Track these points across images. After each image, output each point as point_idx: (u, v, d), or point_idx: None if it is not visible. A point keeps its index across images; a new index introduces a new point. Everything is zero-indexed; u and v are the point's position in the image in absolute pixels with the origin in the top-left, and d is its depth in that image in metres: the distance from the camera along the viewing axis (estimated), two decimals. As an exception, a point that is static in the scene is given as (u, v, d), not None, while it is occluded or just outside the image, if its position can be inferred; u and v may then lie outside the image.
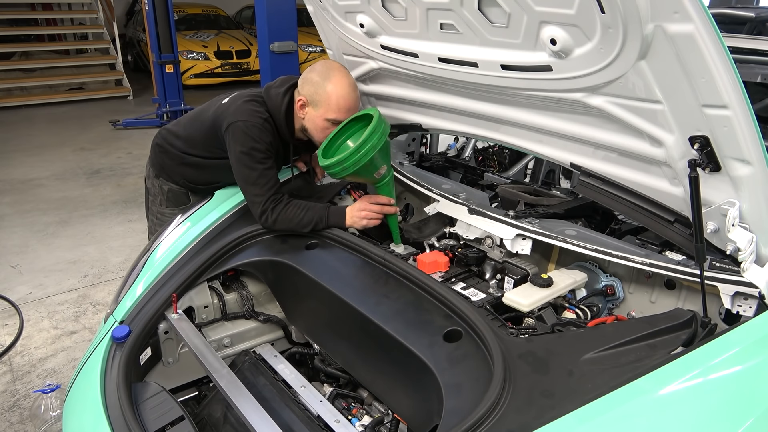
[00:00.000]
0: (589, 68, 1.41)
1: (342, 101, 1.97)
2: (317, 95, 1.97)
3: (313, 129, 2.05)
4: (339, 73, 1.99)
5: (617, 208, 1.73)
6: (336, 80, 1.96)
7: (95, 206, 5.30)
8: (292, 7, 4.47)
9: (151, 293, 1.85)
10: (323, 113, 1.99)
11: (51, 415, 2.45)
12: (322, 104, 1.98)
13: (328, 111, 1.98)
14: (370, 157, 1.82)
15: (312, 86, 1.98)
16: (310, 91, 1.99)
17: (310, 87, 1.99)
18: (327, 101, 1.96)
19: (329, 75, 1.97)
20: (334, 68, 2.00)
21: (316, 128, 2.03)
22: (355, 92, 2.01)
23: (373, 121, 1.85)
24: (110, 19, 11.00)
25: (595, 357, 1.30)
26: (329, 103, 1.96)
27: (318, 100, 1.98)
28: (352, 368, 1.77)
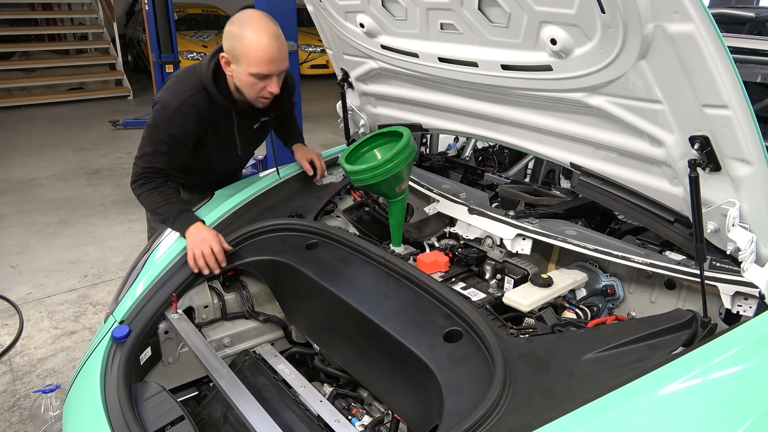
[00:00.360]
0: (589, 68, 1.41)
1: (261, 53, 1.81)
2: (236, 50, 1.83)
3: (242, 86, 1.92)
4: (257, 21, 1.82)
5: (617, 208, 1.73)
6: (252, 29, 1.80)
7: (95, 206, 5.30)
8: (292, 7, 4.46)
9: (151, 293, 1.84)
10: (245, 68, 1.85)
11: (51, 415, 2.45)
12: (242, 59, 1.84)
13: (249, 65, 1.84)
14: (400, 169, 1.84)
15: (230, 40, 1.84)
16: (230, 46, 1.85)
17: (229, 41, 1.85)
18: (246, 55, 1.82)
19: (245, 25, 1.82)
20: (250, 17, 1.84)
21: (244, 85, 1.91)
22: (276, 41, 1.83)
23: (406, 135, 1.87)
24: (110, 19, 11.00)
25: (595, 357, 1.30)
26: (248, 57, 1.82)
27: (238, 55, 1.84)
28: (352, 368, 1.77)
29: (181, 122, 1.96)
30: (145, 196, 1.99)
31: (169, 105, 1.95)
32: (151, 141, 1.98)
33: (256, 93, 1.93)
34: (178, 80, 2.04)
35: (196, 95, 1.96)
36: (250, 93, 1.94)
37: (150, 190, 1.98)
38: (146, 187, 1.98)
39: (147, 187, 1.98)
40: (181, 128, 1.97)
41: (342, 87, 2.38)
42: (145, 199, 2.00)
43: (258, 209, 2.18)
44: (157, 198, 1.98)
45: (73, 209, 5.24)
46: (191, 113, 1.97)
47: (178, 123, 1.96)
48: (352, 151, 2.03)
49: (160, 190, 1.99)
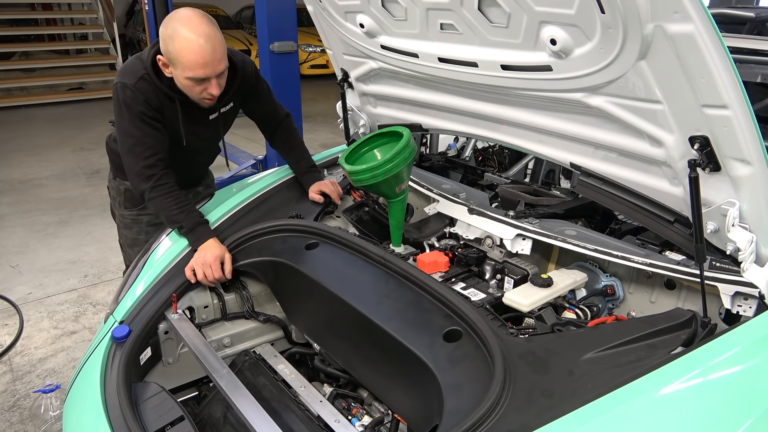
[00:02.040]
0: (589, 68, 1.41)
1: (193, 57, 1.76)
2: (170, 53, 1.80)
3: (182, 88, 1.89)
4: (186, 22, 1.76)
5: (617, 208, 1.73)
6: (183, 33, 1.75)
7: (95, 206, 5.30)
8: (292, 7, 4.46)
9: (151, 293, 1.84)
10: (181, 72, 1.82)
11: (51, 415, 2.45)
12: (176, 63, 1.80)
13: (184, 69, 1.80)
14: (400, 169, 1.84)
15: (164, 43, 1.80)
16: (164, 49, 1.81)
17: (163, 44, 1.81)
18: (179, 59, 1.78)
19: (176, 27, 1.76)
20: (181, 17, 1.78)
21: (184, 87, 1.88)
22: (208, 42, 1.77)
23: (406, 135, 1.87)
24: (110, 19, 11.01)
25: (595, 357, 1.30)
26: (182, 62, 1.78)
27: (172, 58, 1.80)
28: (352, 368, 1.77)
29: (143, 98, 1.90)
30: (159, 201, 1.91)
31: (126, 84, 1.89)
32: (130, 126, 1.90)
33: (197, 95, 1.90)
34: (128, 64, 1.99)
35: (143, 77, 1.91)
36: (192, 95, 1.91)
37: (164, 195, 1.91)
38: (159, 191, 1.91)
39: (160, 191, 1.91)
40: (146, 103, 1.90)
41: (342, 87, 2.37)
42: (158, 205, 1.92)
43: (258, 210, 2.18)
44: (172, 203, 1.92)
45: (73, 209, 5.24)
46: (147, 89, 1.90)
47: (141, 98, 1.89)
48: (352, 151, 2.03)
49: (175, 195, 1.93)
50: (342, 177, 2.43)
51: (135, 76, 1.91)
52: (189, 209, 1.95)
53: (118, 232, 2.45)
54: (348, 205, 2.33)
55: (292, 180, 2.36)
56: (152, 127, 1.93)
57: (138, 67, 1.94)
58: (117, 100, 1.93)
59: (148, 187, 1.91)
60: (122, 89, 1.90)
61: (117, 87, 1.93)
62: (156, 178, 1.91)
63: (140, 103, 1.90)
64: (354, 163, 1.99)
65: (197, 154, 2.26)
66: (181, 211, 1.93)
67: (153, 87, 1.92)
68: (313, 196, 2.24)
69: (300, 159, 2.36)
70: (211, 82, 1.85)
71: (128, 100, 1.89)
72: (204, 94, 1.89)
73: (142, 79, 1.91)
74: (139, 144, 1.91)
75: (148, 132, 1.92)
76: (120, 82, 1.92)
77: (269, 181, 2.32)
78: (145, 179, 1.91)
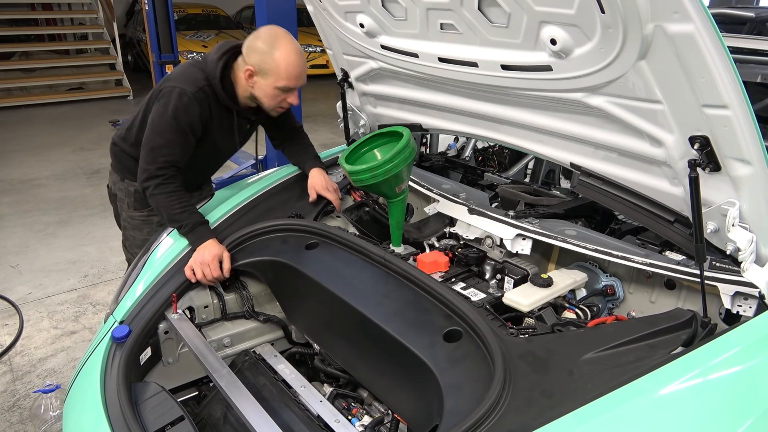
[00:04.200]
0: (589, 68, 1.41)
1: (292, 68, 1.94)
2: (266, 64, 1.93)
3: (263, 97, 2.01)
4: (285, 40, 1.93)
5: (617, 208, 1.73)
6: (283, 48, 1.91)
7: (95, 206, 5.30)
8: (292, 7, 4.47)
9: (151, 293, 1.84)
10: (273, 82, 1.95)
11: (51, 415, 2.45)
12: (271, 73, 1.94)
13: (277, 79, 1.94)
14: (400, 169, 1.84)
15: (259, 55, 1.93)
16: (257, 61, 1.94)
17: (257, 56, 1.94)
18: (276, 70, 1.92)
19: (275, 43, 1.92)
20: (278, 35, 1.94)
21: (267, 96, 2.00)
22: (302, 58, 1.97)
23: (406, 135, 1.88)
24: (110, 19, 10.99)
25: (595, 357, 1.30)
26: (278, 72, 1.93)
27: (266, 68, 1.93)
28: (352, 368, 1.77)
29: (198, 110, 1.98)
30: (162, 198, 1.94)
31: (186, 91, 1.95)
32: (167, 130, 1.94)
33: (276, 104, 2.03)
34: (186, 70, 2.03)
35: (206, 86, 1.99)
36: (270, 103, 2.03)
37: (168, 193, 1.94)
38: (163, 189, 1.94)
39: (164, 189, 1.94)
40: (198, 117, 1.98)
41: (342, 87, 2.38)
42: (160, 201, 1.95)
43: (258, 210, 2.18)
44: (175, 203, 1.94)
45: (73, 209, 5.24)
46: (204, 100, 1.99)
47: (196, 110, 1.97)
48: (352, 151, 2.03)
49: (178, 194, 1.96)
50: (342, 177, 2.43)
51: (196, 85, 1.97)
52: (191, 210, 1.97)
53: (124, 234, 2.43)
54: (348, 205, 2.33)
55: (292, 180, 2.36)
56: (187, 139, 1.99)
57: (199, 76, 2.00)
58: (167, 103, 1.96)
59: (154, 183, 1.95)
60: (179, 96, 1.95)
61: (174, 92, 1.96)
62: (164, 177, 1.95)
63: (192, 114, 1.97)
64: (354, 163, 1.99)
65: (224, 157, 2.40)
66: (184, 211, 1.95)
67: (211, 98, 2.01)
68: (310, 191, 2.25)
69: (305, 152, 2.39)
70: (294, 93, 2.02)
71: (181, 107, 1.95)
72: (283, 104, 2.04)
73: (202, 90, 1.98)
74: (166, 147, 1.95)
75: (181, 142, 1.98)
76: (179, 88, 1.96)
77: (269, 181, 2.32)
78: (154, 177, 1.95)
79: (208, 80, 1.99)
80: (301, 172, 2.37)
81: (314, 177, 2.25)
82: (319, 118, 8.61)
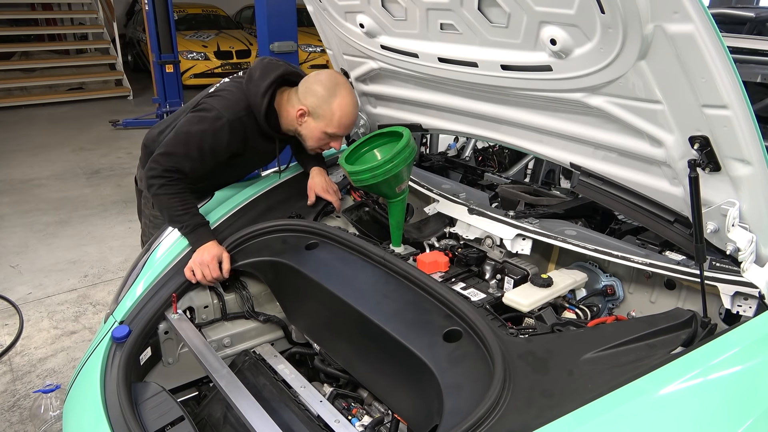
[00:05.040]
0: (589, 68, 1.41)
1: (345, 119, 2.00)
2: (321, 109, 1.97)
3: (308, 137, 2.05)
4: (345, 90, 1.99)
5: (617, 208, 1.73)
6: (341, 98, 1.97)
7: (95, 206, 5.30)
8: (292, 7, 4.47)
9: (151, 293, 1.85)
10: (323, 127, 2.00)
11: (51, 415, 2.45)
12: (324, 119, 1.99)
13: (329, 126, 1.99)
14: (400, 169, 1.84)
15: (316, 99, 1.97)
16: (313, 104, 1.98)
17: (314, 99, 1.98)
18: (330, 117, 1.98)
19: (335, 92, 1.97)
20: (340, 84, 2.00)
21: (312, 137, 2.04)
22: (356, 110, 2.04)
23: (406, 135, 1.88)
24: (110, 19, 11.00)
25: (595, 357, 1.30)
26: (332, 120, 1.98)
27: (321, 114, 1.98)
28: (352, 368, 1.77)
29: (228, 138, 1.98)
30: (165, 199, 1.95)
31: (222, 117, 1.96)
32: (189, 144, 1.95)
33: (318, 145, 2.08)
34: (230, 94, 2.03)
35: (245, 116, 2.01)
36: (313, 144, 2.07)
37: (171, 194, 1.94)
38: (167, 189, 1.94)
39: (168, 190, 1.94)
40: (226, 144, 1.99)
41: (342, 87, 2.37)
42: (163, 201, 1.95)
43: (258, 210, 2.18)
44: (177, 204, 1.94)
45: (73, 209, 5.24)
46: (239, 130, 2.00)
47: (226, 138, 1.98)
48: (352, 151, 2.03)
49: (181, 196, 1.96)
50: (342, 177, 2.43)
51: (235, 114, 1.98)
52: (193, 211, 1.98)
53: (144, 230, 2.46)
54: (348, 205, 2.33)
55: (292, 180, 2.36)
56: (204, 160, 1.99)
57: (241, 105, 2.00)
58: (201, 119, 1.97)
59: (159, 183, 1.94)
60: (215, 119, 1.96)
61: (213, 111, 1.97)
62: (169, 179, 1.95)
63: (220, 140, 1.98)
64: (354, 163, 1.99)
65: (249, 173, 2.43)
66: (186, 212, 1.95)
67: (248, 126, 2.02)
68: (309, 192, 2.24)
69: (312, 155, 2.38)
70: (339, 139, 2.08)
71: (212, 130, 1.96)
72: (324, 146, 2.09)
73: (239, 120, 1.99)
74: (181, 157, 1.95)
75: (196, 159, 1.97)
76: (217, 110, 1.97)
77: (269, 181, 2.32)
78: (159, 176, 1.94)
79: (250, 109, 2.01)
80: (301, 172, 2.37)
81: (314, 178, 2.25)
82: (319, 118, 8.60)
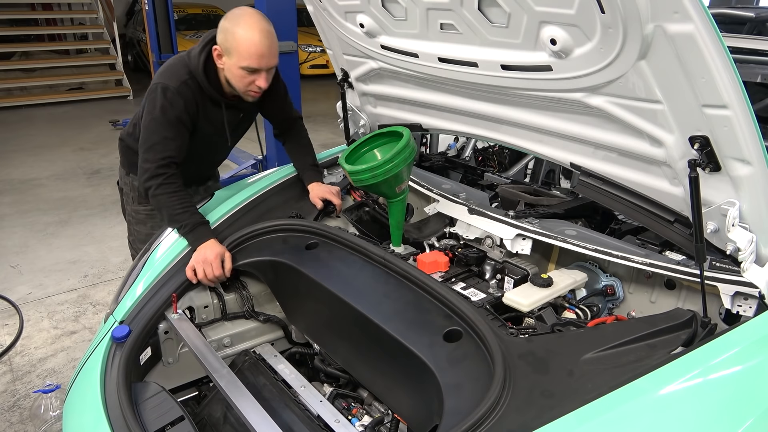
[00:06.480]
0: (589, 68, 1.41)
1: (252, 47, 1.87)
2: (228, 42, 1.89)
3: (231, 78, 1.97)
4: (248, 18, 1.88)
5: (617, 208, 1.73)
6: (245, 25, 1.86)
7: (95, 206, 5.30)
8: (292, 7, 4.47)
9: (151, 293, 1.84)
10: (237, 61, 1.90)
11: (51, 415, 2.45)
12: (234, 52, 1.89)
13: (240, 59, 1.89)
14: (400, 169, 1.84)
15: (224, 34, 1.90)
16: (222, 39, 1.91)
17: (222, 35, 1.91)
18: (237, 48, 1.88)
19: (238, 21, 1.87)
20: (244, 13, 1.90)
21: (234, 77, 1.96)
22: (267, 37, 1.89)
23: (406, 135, 1.88)
24: (110, 19, 11.00)
25: (595, 357, 1.30)
26: (240, 50, 1.88)
27: (230, 47, 1.89)
28: (352, 368, 1.77)
29: (183, 103, 1.97)
30: (164, 198, 1.94)
31: (169, 87, 1.95)
32: (159, 127, 1.95)
33: (245, 86, 1.97)
34: (170, 66, 2.04)
35: (189, 80, 1.98)
36: (240, 86, 1.97)
37: (170, 193, 1.94)
38: (165, 189, 1.94)
39: (166, 189, 1.94)
40: (184, 110, 1.98)
41: (342, 87, 2.38)
42: (161, 201, 1.95)
43: (258, 210, 2.18)
44: (176, 203, 1.94)
45: (73, 209, 5.24)
46: (188, 95, 1.98)
47: (180, 104, 1.96)
48: (352, 151, 2.03)
49: (180, 195, 1.96)
50: (342, 177, 2.43)
51: (178, 80, 1.97)
52: (192, 210, 1.97)
53: (129, 229, 2.46)
54: (348, 205, 2.33)
55: (292, 180, 2.36)
56: (180, 132, 1.99)
57: (182, 71, 1.99)
58: (153, 100, 1.97)
59: (156, 183, 1.94)
60: (163, 91, 1.95)
61: (157, 88, 1.97)
62: (165, 177, 1.95)
63: (178, 108, 1.96)
64: (354, 163, 1.99)
65: (222, 151, 2.38)
66: (184, 211, 1.95)
67: (195, 91, 2.00)
68: (314, 200, 2.23)
69: (304, 156, 2.38)
70: (262, 74, 1.94)
71: (166, 103, 1.95)
72: (252, 87, 1.97)
73: (185, 84, 1.98)
74: (161, 144, 1.95)
75: (175, 136, 1.97)
76: (161, 84, 1.96)
77: (269, 181, 2.32)
78: (155, 176, 1.95)
79: (191, 74, 1.99)
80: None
81: (314, 189, 2.26)
82: (319, 118, 8.61)
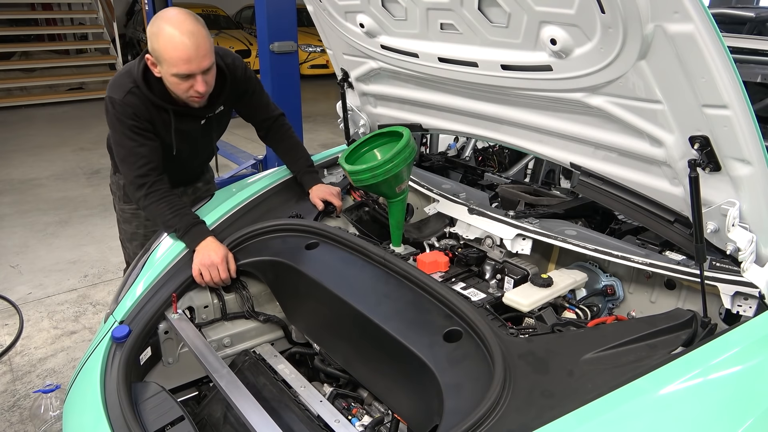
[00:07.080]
0: (589, 68, 1.41)
1: (176, 52, 1.77)
2: (156, 51, 1.81)
3: (169, 87, 1.90)
4: (168, 19, 1.78)
5: (617, 208, 1.73)
6: (166, 29, 1.76)
7: (95, 206, 5.30)
8: (292, 7, 4.47)
9: (151, 293, 1.84)
10: (167, 69, 1.82)
11: (51, 415, 2.45)
12: (161, 60, 1.81)
13: (169, 66, 1.81)
14: (400, 169, 1.84)
15: (151, 41, 1.81)
16: (151, 47, 1.83)
17: (150, 43, 1.82)
18: (163, 55, 1.79)
19: (160, 24, 1.78)
20: (165, 15, 1.80)
21: (171, 85, 1.88)
22: (192, 38, 1.76)
23: (406, 135, 1.87)
24: (110, 19, 11.01)
25: (595, 357, 1.30)
26: (165, 58, 1.79)
27: (158, 56, 1.81)
28: (352, 368, 1.77)
29: (132, 112, 1.92)
30: (153, 208, 1.94)
31: (115, 99, 1.93)
32: (122, 139, 1.93)
33: (184, 93, 1.89)
34: (117, 77, 2.00)
35: (134, 88, 1.93)
36: (179, 92, 1.91)
37: (157, 201, 1.93)
38: (152, 198, 1.93)
39: (153, 198, 1.93)
40: (135, 116, 1.92)
41: (342, 87, 2.37)
42: (152, 211, 1.95)
43: (258, 210, 2.18)
44: (165, 209, 1.93)
45: (73, 209, 5.24)
46: (136, 103, 1.93)
47: (130, 112, 1.92)
48: (352, 151, 2.03)
49: (168, 200, 1.95)
50: (342, 177, 2.43)
51: (123, 91, 1.93)
52: (183, 212, 1.96)
53: (118, 227, 2.46)
54: (348, 205, 2.33)
55: (292, 180, 2.36)
56: (143, 137, 1.96)
57: (126, 81, 1.95)
58: (107, 113, 1.96)
59: (142, 195, 1.94)
60: (111, 104, 1.94)
61: (106, 101, 1.96)
62: (148, 186, 1.94)
63: (129, 116, 1.93)
64: (354, 163, 1.99)
65: (191, 159, 2.28)
66: (175, 215, 1.94)
67: (142, 99, 1.94)
68: (315, 201, 2.23)
69: (298, 158, 2.35)
70: (197, 78, 1.84)
71: (117, 114, 1.93)
72: (191, 92, 1.88)
73: (130, 93, 1.93)
74: (131, 154, 1.94)
75: (140, 142, 1.95)
76: (109, 97, 1.95)
77: (269, 181, 2.32)
78: (138, 187, 1.95)
79: (135, 82, 1.93)
80: (300, 173, 2.36)
81: (314, 190, 2.25)
82: (319, 118, 8.61)
